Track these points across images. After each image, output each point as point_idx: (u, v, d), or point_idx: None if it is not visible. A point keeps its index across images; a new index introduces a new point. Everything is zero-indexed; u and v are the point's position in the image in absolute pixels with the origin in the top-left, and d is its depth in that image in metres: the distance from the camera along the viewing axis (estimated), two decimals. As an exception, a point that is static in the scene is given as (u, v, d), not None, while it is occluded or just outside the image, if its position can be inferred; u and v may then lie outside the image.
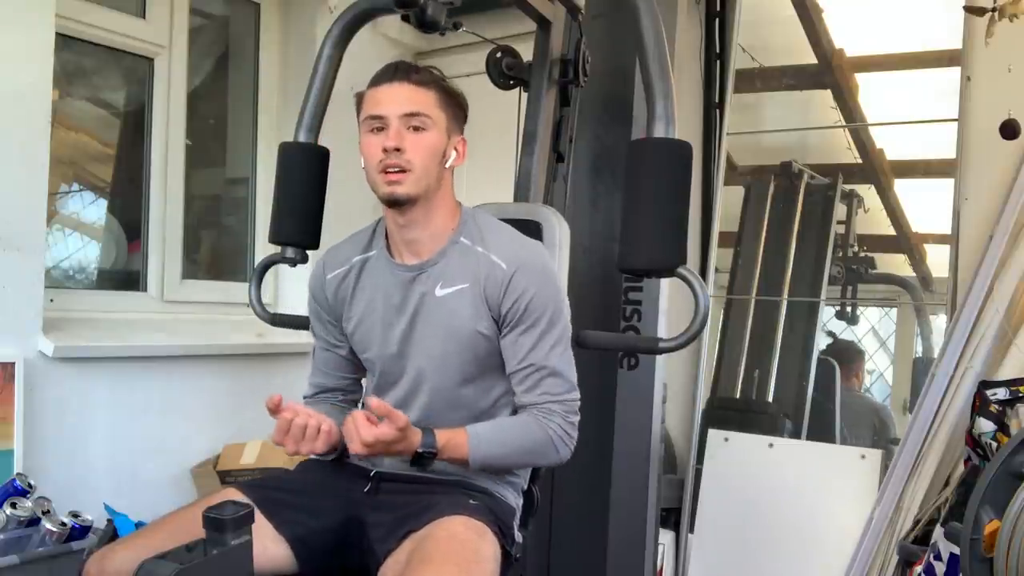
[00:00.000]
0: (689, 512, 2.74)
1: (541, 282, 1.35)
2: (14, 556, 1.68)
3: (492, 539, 1.26)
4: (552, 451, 1.36)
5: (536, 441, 1.35)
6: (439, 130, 1.35)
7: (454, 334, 1.36)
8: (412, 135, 1.33)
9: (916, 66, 2.87)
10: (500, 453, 1.34)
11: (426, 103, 1.34)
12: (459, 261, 1.38)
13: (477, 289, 1.35)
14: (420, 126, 1.33)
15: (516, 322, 1.35)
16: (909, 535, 2.20)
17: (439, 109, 1.35)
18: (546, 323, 1.35)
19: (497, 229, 1.42)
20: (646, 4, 1.41)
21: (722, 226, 2.95)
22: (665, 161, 1.36)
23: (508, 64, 1.83)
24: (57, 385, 2.08)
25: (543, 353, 1.35)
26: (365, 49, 2.77)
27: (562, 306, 1.38)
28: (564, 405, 1.36)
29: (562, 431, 1.36)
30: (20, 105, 1.98)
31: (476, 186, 3.01)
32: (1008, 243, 2.30)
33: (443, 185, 1.40)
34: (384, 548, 1.27)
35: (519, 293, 1.34)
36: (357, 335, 1.45)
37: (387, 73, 1.36)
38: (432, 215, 1.39)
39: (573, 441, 1.38)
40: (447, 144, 1.37)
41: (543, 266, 1.38)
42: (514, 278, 1.34)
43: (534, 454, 1.37)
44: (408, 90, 1.33)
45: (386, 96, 1.34)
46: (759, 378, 2.95)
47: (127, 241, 2.58)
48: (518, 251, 1.37)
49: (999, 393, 2.01)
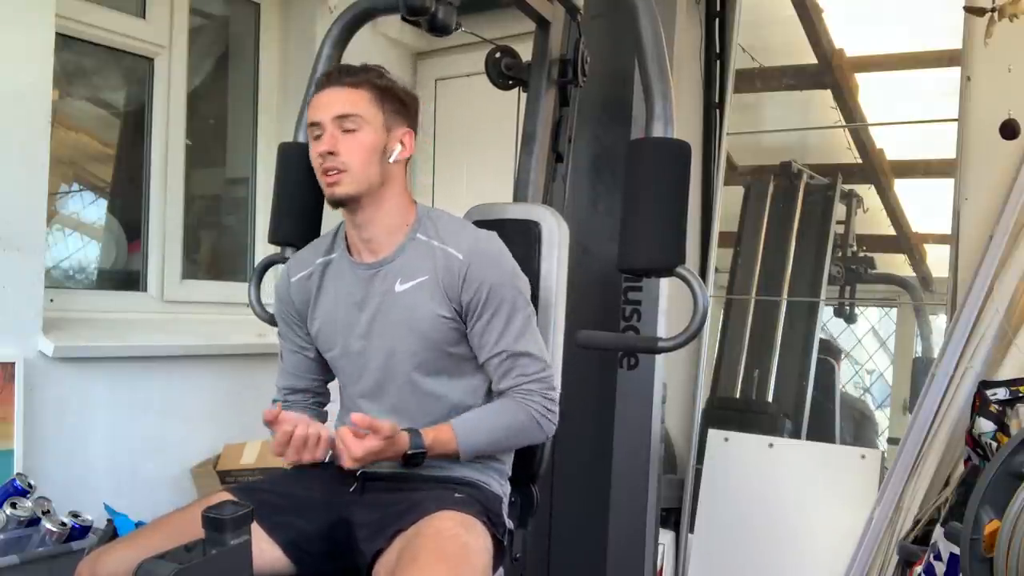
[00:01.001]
0: (689, 512, 2.74)
1: (498, 270, 1.38)
2: (14, 556, 1.68)
3: (481, 531, 1.27)
4: (536, 429, 1.40)
5: (519, 423, 1.38)
6: (374, 128, 1.37)
7: (416, 327, 1.38)
8: (345, 136, 1.35)
9: (916, 66, 2.88)
10: (488, 440, 1.38)
11: (358, 103, 1.36)
12: (416, 256, 1.40)
13: (435, 280, 1.38)
14: (352, 127, 1.35)
15: (480, 312, 1.37)
16: (909, 535, 2.20)
17: (373, 107, 1.37)
18: (509, 308, 1.37)
19: (451, 222, 1.45)
20: (645, 4, 1.41)
21: (722, 226, 2.95)
22: (664, 161, 1.36)
23: (507, 64, 1.83)
24: (57, 385, 2.08)
25: (511, 339, 1.38)
26: (365, 49, 2.77)
27: (521, 289, 1.41)
28: (540, 383, 1.40)
29: (543, 408, 1.39)
30: (20, 105, 1.98)
31: (476, 186, 3.03)
32: (1008, 243, 2.30)
33: (392, 180, 1.41)
34: (372, 548, 1.28)
35: (478, 283, 1.36)
36: (321, 335, 1.47)
37: (322, 80, 1.41)
38: (384, 212, 1.41)
39: (555, 416, 1.42)
40: (387, 139, 1.39)
41: (498, 252, 1.40)
42: (471, 268, 1.36)
43: (520, 434, 1.41)
44: (340, 93, 1.36)
45: (321, 102, 1.37)
46: (759, 378, 2.95)
47: (127, 241, 2.58)
48: (473, 242, 1.39)
49: (999, 393, 2.01)
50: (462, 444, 1.35)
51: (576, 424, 1.87)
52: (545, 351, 1.43)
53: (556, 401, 1.42)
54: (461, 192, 2.87)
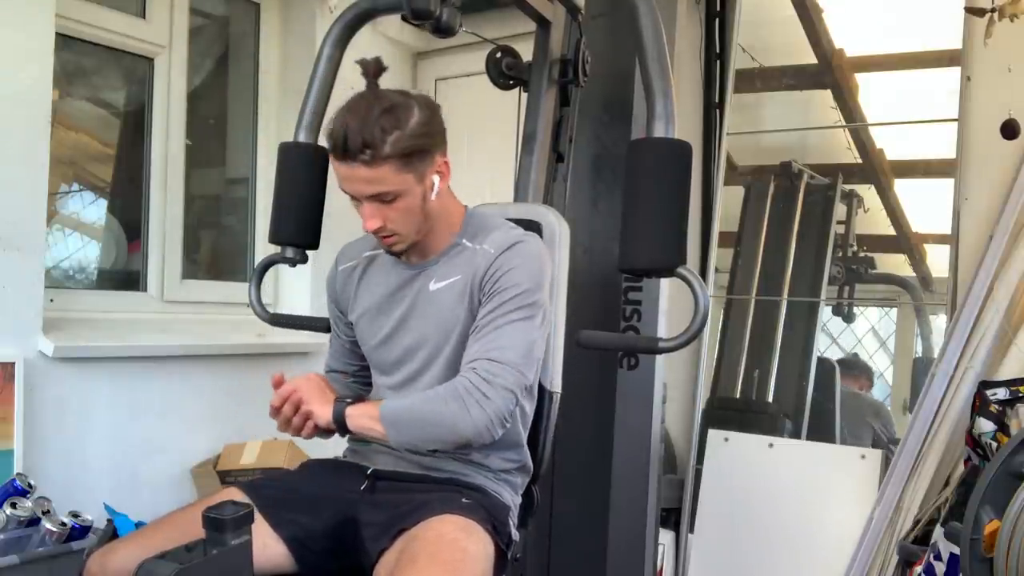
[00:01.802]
0: (689, 512, 2.74)
1: (522, 263, 1.35)
2: (14, 556, 1.68)
3: (483, 537, 1.26)
4: (459, 407, 1.25)
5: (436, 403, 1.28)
6: (408, 189, 1.32)
7: (443, 325, 1.38)
8: (386, 208, 1.32)
9: (916, 66, 2.88)
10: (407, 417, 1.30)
11: (385, 179, 1.29)
12: (457, 259, 1.40)
13: (467, 279, 1.37)
14: (390, 199, 1.32)
15: (488, 296, 1.34)
16: (909, 535, 2.20)
17: (401, 173, 1.30)
18: (509, 296, 1.32)
19: (494, 224, 1.44)
20: (646, 4, 1.41)
21: (722, 226, 2.95)
22: (665, 161, 1.36)
23: (508, 64, 1.83)
24: (57, 385, 2.08)
25: (491, 319, 1.32)
26: (365, 49, 2.77)
27: (537, 292, 1.35)
28: (493, 364, 1.27)
29: (472, 386, 1.26)
30: (20, 105, 1.99)
31: (476, 186, 3.02)
32: (1008, 243, 2.30)
33: (439, 210, 1.40)
34: (377, 547, 1.28)
35: (498, 268, 1.35)
36: (359, 327, 1.49)
37: (338, 150, 1.29)
38: (437, 233, 1.42)
39: (489, 404, 1.25)
40: (423, 187, 1.34)
41: (530, 251, 1.38)
42: (499, 258, 1.35)
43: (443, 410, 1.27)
44: (363, 172, 1.29)
45: (347, 176, 1.31)
46: (759, 378, 2.95)
47: (127, 241, 2.58)
48: (509, 238, 1.38)
49: (999, 393, 2.02)
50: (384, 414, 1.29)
51: (576, 424, 1.87)
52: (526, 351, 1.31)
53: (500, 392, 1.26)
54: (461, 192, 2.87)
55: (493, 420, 1.27)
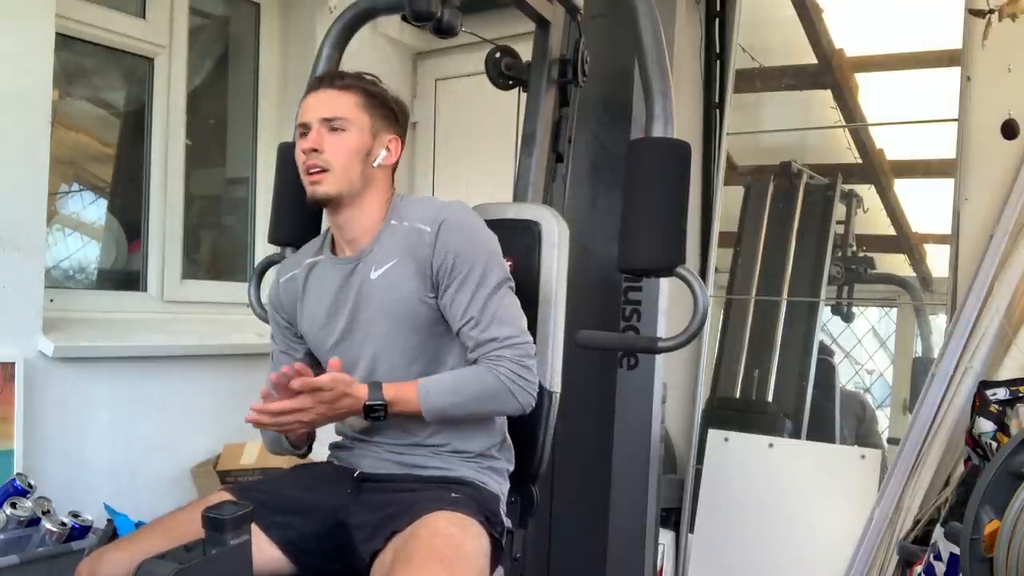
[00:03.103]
0: (689, 512, 2.74)
1: (465, 236, 1.37)
2: (14, 556, 1.68)
3: (478, 531, 1.27)
4: (508, 397, 1.34)
5: (488, 387, 1.33)
6: (360, 130, 1.39)
7: (393, 311, 1.37)
8: (331, 136, 1.38)
9: (916, 66, 2.87)
10: (453, 401, 1.34)
11: (345, 106, 1.39)
12: (389, 241, 1.41)
13: (407, 259, 1.37)
14: (339, 127, 1.38)
15: (448, 280, 1.36)
16: (909, 535, 2.20)
17: (361, 111, 1.39)
18: (479, 275, 1.35)
19: (418, 201, 1.46)
20: (645, 4, 1.41)
21: (722, 226, 2.95)
22: (664, 161, 1.36)
23: (507, 64, 1.83)
24: (57, 385, 2.08)
25: (480, 304, 1.35)
26: (365, 49, 2.78)
27: (493, 255, 1.38)
28: (514, 349, 1.35)
29: (514, 375, 1.34)
30: (20, 105, 1.98)
31: (476, 186, 3.03)
32: (1008, 243, 2.30)
33: (374, 184, 1.43)
34: (369, 548, 1.28)
35: (446, 250, 1.35)
36: (309, 337, 1.49)
37: (313, 83, 1.44)
38: (365, 213, 1.42)
39: (531, 385, 1.36)
40: (372, 144, 1.41)
41: (464, 220, 1.39)
42: (439, 236, 1.36)
43: (489, 401, 1.35)
44: (329, 95, 1.39)
45: (310, 103, 1.40)
46: (759, 378, 2.95)
47: (127, 241, 2.58)
48: (438, 211, 1.39)
49: (999, 393, 2.02)
50: (423, 403, 1.32)
51: (576, 424, 1.87)
52: (521, 318, 1.39)
53: (532, 370, 1.36)
54: (461, 192, 2.87)
55: (533, 394, 1.37)
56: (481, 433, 1.42)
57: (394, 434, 1.41)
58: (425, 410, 1.33)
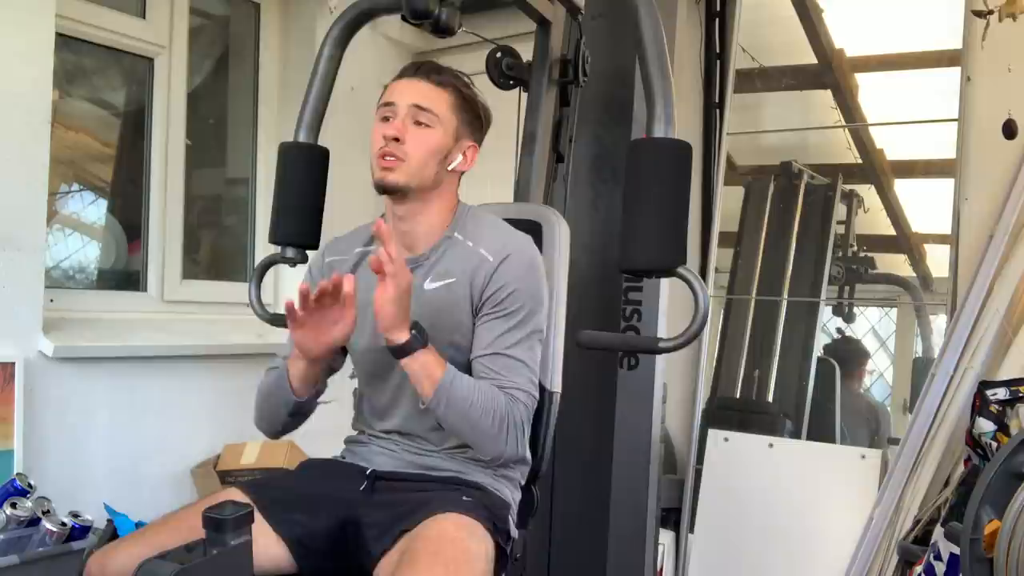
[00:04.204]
0: (689, 512, 2.74)
1: (525, 275, 1.36)
2: (14, 556, 1.67)
3: (484, 536, 1.26)
4: (501, 434, 1.30)
5: (497, 413, 1.29)
6: (444, 130, 1.37)
7: (440, 326, 1.35)
8: (415, 129, 1.36)
9: (916, 66, 2.88)
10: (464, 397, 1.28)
11: (437, 101, 1.37)
12: (450, 256, 1.39)
13: (464, 282, 1.36)
14: (425, 122, 1.36)
15: (493, 310, 1.34)
16: (909, 535, 2.21)
17: (450, 111, 1.38)
18: (523, 316, 1.34)
19: (490, 224, 1.43)
20: (646, 4, 1.41)
21: (722, 226, 2.95)
22: (665, 161, 1.36)
23: (508, 64, 1.83)
24: (57, 385, 2.08)
25: (512, 342, 1.33)
26: (365, 49, 2.77)
27: (541, 304, 1.38)
28: (529, 398, 1.33)
29: (519, 422, 1.31)
30: (20, 105, 1.98)
31: (476, 186, 3.02)
32: (1008, 243, 2.30)
33: (443, 186, 1.41)
34: (379, 547, 1.27)
35: (502, 283, 1.34)
36: None
37: (410, 69, 1.40)
38: (428, 213, 1.40)
39: (518, 443, 1.32)
40: (452, 146, 1.39)
41: (530, 260, 1.38)
42: (500, 268, 1.34)
43: (488, 425, 1.29)
44: (423, 86, 1.37)
45: (401, 87, 1.38)
46: (759, 378, 2.95)
47: (127, 241, 2.58)
48: (506, 243, 1.38)
49: (999, 393, 2.01)
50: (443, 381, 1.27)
51: (576, 424, 1.87)
52: (537, 374, 1.37)
53: (525, 431, 1.33)
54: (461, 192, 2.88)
55: (518, 453, 1.35)
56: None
57: (413, 437, 1.41)
58: (439, 388, 1.27)
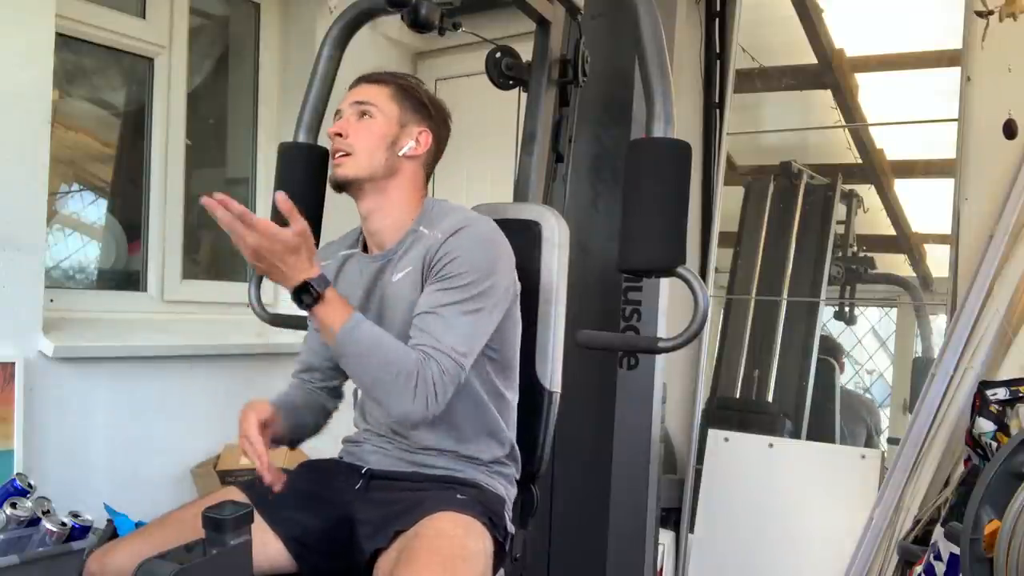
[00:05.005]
0: (689, 512, 2.74)
1: (472, 246, 1.33)
2: (14, 556, 1.68)
3: (481, 533, 1.26)
4: (409, 389, 1.23)
5: (403, 368, 1.23)
6: (386, 118, 1.41)
7: (407, 316, 1.35)
8: (357, 122, 1.41)
9: (916, 66, 2.88)
10: (366, 346, 1.25)
11: (375, 94, 1.42)
12: (413, 247, 1.39)
13: (419, 267, 1.36)
14: (366, 112, 1.41)
15: (435, 279, 1.32)
16: (909, 535, 2.20)
17: (389, 100, 1.42)
18: (463, 283, 1.30)
19: (453, 211, 1.43)
20: (645, 4, 1.41)
21: (722, 226, 2.95)
22: (664, 161, 1.35)
23: (507, 64, 1.83)
24: (57, 385, 2.08)
25: (443, 302, 1.29)
26: (365, 49, 2.77)
27: (488, 275, 1.32)
28: (448, 360, 1.26)
29: (433, 381, 1.24)
30: (20, 105, 1.98)
31: (476, 186, 3.02)
32: (1008, 243, 2.30)
33: (400, 174, 1.42)
34: (373, 546, 1.28)
35: (445, 252, 1.32)
36: None
37: (353, 82, 1.47)
38: (390, 204, 1.42)
39: (436, 403, 1.25)
40: (399, 132, 1.41)
41: (482, 234, 1.36)
42: (447, 241, 1.33)
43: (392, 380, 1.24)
44: (364, 87, 1.44)
45: (347, 96, 1.45)
46: (759, 378, 2.95)
47: (127, 241, 2.58)
48: (460, 222, 1.35)
49: (999, 393, 2.02)
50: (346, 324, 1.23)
51: (576, 424, 1.87)
52: (476, 343, 1.31)
53: (447, 394, 1.26)
54: (461, 192, 2.88)
55: (427, 417, 1.26)
56: (493, 442, 1.42)
57: (407, 435, 1.41)
58: (340, 336, 1.24)
